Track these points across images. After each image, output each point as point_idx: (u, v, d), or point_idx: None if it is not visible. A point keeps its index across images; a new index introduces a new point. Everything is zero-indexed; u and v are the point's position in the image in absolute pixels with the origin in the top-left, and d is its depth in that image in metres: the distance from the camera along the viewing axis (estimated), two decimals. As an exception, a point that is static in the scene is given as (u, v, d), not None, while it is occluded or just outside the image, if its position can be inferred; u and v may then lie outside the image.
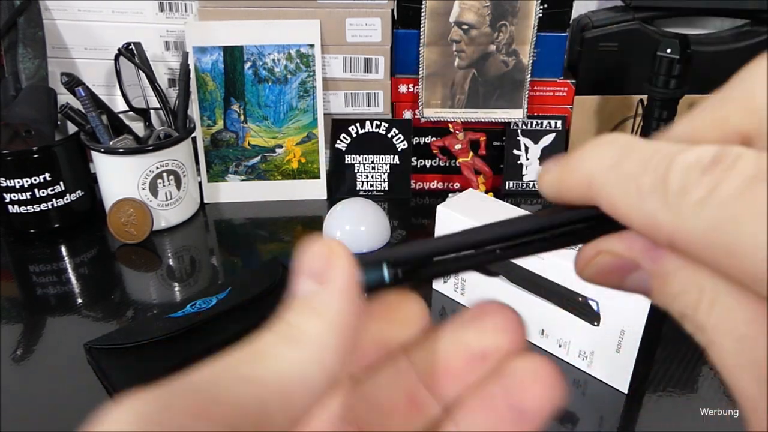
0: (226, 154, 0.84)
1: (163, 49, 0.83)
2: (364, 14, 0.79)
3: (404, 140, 0.84)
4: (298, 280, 0.17)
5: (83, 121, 0.74)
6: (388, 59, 0.82)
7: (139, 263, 0.73)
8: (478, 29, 0.79)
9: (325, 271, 0.17)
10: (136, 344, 0.54)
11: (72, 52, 0.83)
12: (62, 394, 0.53)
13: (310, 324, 0.16)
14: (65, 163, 0.75)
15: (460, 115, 0.83)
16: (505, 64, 0.81)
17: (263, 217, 0.82)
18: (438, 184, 0.88)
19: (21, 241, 0.75)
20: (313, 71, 0.81)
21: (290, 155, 0.84)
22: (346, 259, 0.18)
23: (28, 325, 0.62)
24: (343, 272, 0.17)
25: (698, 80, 0.77)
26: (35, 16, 0.78)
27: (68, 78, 0.70)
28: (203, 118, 0.82)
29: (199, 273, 0.71)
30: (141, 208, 0.74)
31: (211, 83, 0.81)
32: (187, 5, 0.80)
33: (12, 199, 0.73)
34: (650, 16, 0.83)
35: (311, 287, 0.17)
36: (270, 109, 0.83)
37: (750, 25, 0.84)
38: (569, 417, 0.51)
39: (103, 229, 0.77)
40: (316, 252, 0.18)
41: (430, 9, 0.78)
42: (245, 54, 0.80)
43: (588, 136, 0.86)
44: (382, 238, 0.67)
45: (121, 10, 0.81)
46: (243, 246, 0.77)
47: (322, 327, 0.16)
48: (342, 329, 0.16)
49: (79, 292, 0.67)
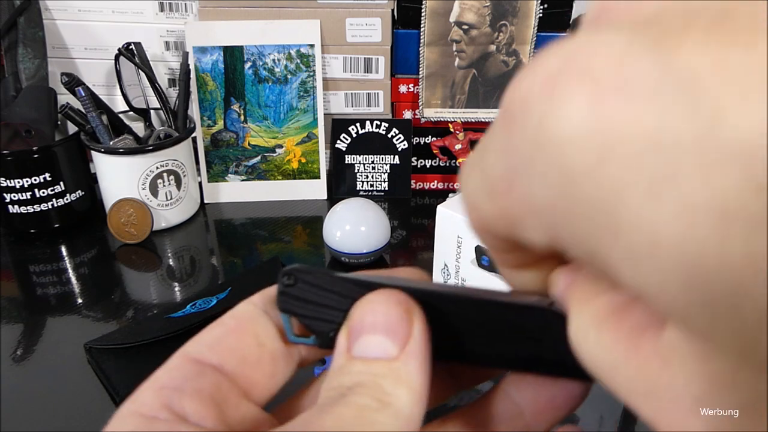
0: (226, 154, 0.84)
1: (163, 49, 0.83)
2: (364, 14, 0.79)
3: (404, 140, 0.84)
4: (369, 334, 0.16)
5: (83, 121, 0.74)
6: (388, 59, 0.82)
7: (139, 263, 0.73)
8: (478, 29, 0.79)
9: (404, 334, 0.16)
10: (136, 344, 0.54)
11: (72, 52, 0.83)
12: (62, 394, 0.53)
13: (401, 394, 0.15)
14: (65, 163, 0.75)
15: (460, 115, 0.83)
16: (505, 64, 0.81)
17: (263, 217, 0.82)
18: (438, 184, 0.88)
19: (21, 241, 0.75)
20: (313, 71, 0.81)
21: (290, 155, 0.84)
22: (423, 322, 0.17)
23: (28, 325, 0.62)
24: (423, 338, 0.16)
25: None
26: (35, 16, 0.78)
27: (68, 78, 0.70)
28: (203, 118, 0.82)
29: (199, 273, 0.71)
30: (141, 208, 0.74)
31: (211, 83, 0.81)
32: (187, 5, 0.80)
33: (12, 199, 0.73)
34: (650, 16, 0.83)
35: (390, 348, 0.16)
36: (270, 109, 0.83)
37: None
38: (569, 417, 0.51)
39: (103, 229, 0.77)
40: (395, 310, 0.16)
41: (430, 9, 0.78)
42: (245, 54, 0.80)
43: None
44: (382, 238, 0.67)
45: (121, 10, 0.81)
46: (243, 246, 0.77)
47: (413, 399, 0.16)
48: (424, 403, 0.16)
49: (79, 292, 0.67)
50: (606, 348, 0.13)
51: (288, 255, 0.74)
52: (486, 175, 0.14)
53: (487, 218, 0.15)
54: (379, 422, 0.15)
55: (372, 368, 0.16)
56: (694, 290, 0.09)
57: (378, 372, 0.16)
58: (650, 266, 0.10)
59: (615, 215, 0.10)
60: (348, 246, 0.66)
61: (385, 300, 0.17)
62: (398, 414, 0.15)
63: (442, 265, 0.59)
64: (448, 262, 0.59)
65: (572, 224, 0.11)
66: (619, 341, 0.13)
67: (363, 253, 0.66)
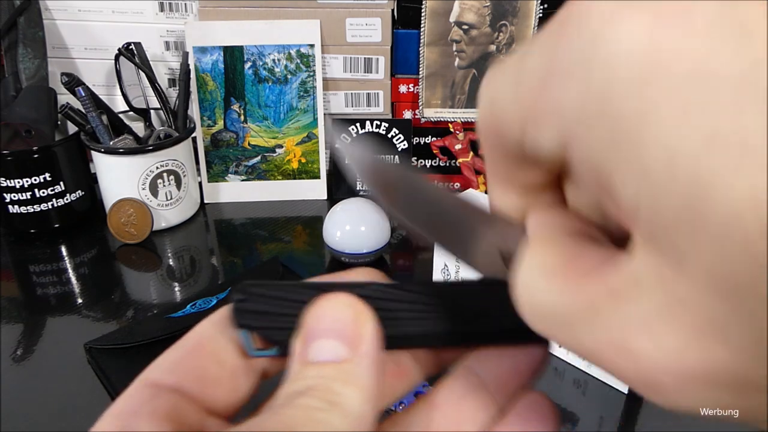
0: (226, 154, 0.84)
1: (163, 49, 0.83)
2: (364, 14, 0.79)
3: (404, 140, 0.84)
4: (321, 339, 0.17)
5: (83, 121, 0.74)
6: (388, 59, 0.82)
7: (139, 263, 0.73)
8: (478, 29, 0.79)
9: (355, 336, 0.17)
10: (136, 344, 0.54)
11: (72, 52, 0.83)
12: (62, 394, 0.53)
13: (351, 394, 0.16)
14: (65, 163, 0.75)
15: (460, 115, 0.83)
16: (505, 64, 0.81)
17: (263, 217, 0.82)
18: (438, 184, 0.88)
19: (21, 241, 0.75)
20: (313, 71, 0.81)
21: (290, 155, 0.84)
22: (374, 323, 0.17)
23: (28, 325, 0.62)
24: (373, 341, 0.17)
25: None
26: (35, 16, 0.78)
27: (68, 78, 0.70)
28: (203, 118, 0.82)
29: (199, 273, 0.71)
30: (141, 208, 0.74)
31: (211, 83, 0.81)
32: (187, 5, 0.80)
33: (12, 199, 0.73)
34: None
35: (341, 352, 0.16)
36: (270, 109, 0.83)
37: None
38: (569, 417, 0.51)
39: (103, 229, 0.77)
40: (344, 313, 0.17)
41: (430, 9, 0.78)
42: (245, 54, 0.80)
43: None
44: (382, 238, 0.67)
45: (121, 10, 0.81)
46: (243, 246, 0.77)
47: (363, 398, 0.16)
48: (376, 401, 0.16)
49: (79, 292, 0.67)
50: (554, 294, 0.13)
51: (288, 255, 0.74)
52: (520, 72, 0.14)
53: (503, 114, 0.15)
54: (327, 422, 0.15)
55: (323, 371, 0.16)
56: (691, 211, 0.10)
57: (329, 375, 0.16)
58: (657, 183, 0.11)
59: (641, 131, 0.11)
60: (348, 246, 0.66)
61: (335, 304, 0.17)
62: (347, 413, 0.15)
63: (442, 265, 0.59)
64: (447, 262, 0.59)
65: (593, 132, 0.12)
66: (567, 285, 0.13)
67: (363, 253, 0.66)
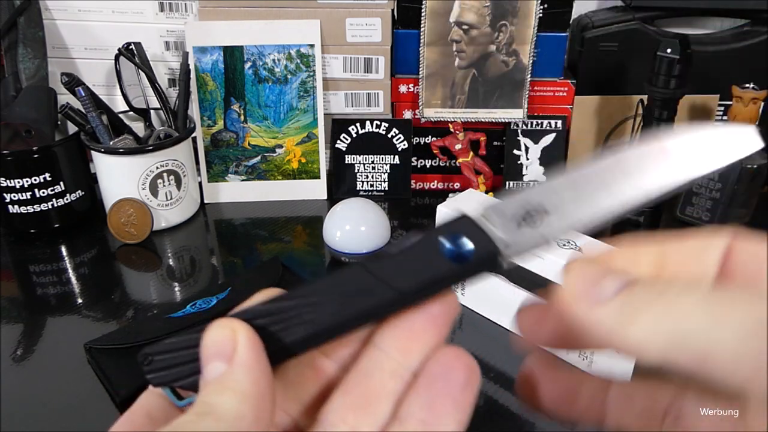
0: (226, 154, 0.84)
1: (163, 49, 0.83)
2: (364, 14, 0.79)
3: (404, 140, 0.84)
4: (207, 366, 0.18)
5: (83, 121, 0.74)
6: (388, 59, 0.82)
7: (139, 263, 0.73)
8: (478, 29, 0.79)
9: (231, 350, 0.18)
10: (136, 344, 0.54)
11: (72, 52, 0.83)
12: (62, 394, 0.53)
13: (224, 399, 0.17)
14: (65, 163, 0.75)
15: (460, 115, 0.83)
16: (505, 64, 0.81)
17: (263, 217, 0.82)
18: (438, 184, 0.88)
19: (21, 241, 0.75)
20: (313, 71, 0.81)
21: (290, 155, 0.84)
22: (248, 334, 0.19)
23: (28, 325, 0.62)
24: (247, 347, 0.18)
25: (698, 80, 0.77)
26: (35, 16, 0.78)
27: (68, 78, 0.70)
28: (203, 118, 0.82)
29: (199, 273, 0.71)
30: (141, 208, 0.74)
31: (211, 83, 0.81)
32: (187, 5, 0.80)
33: (12, 199, 0.73)
34: (650, 16, 0.83)
35: (220, 368, 0.18)
36: (270, 109, 0.83)
37: (750, 25, 0.84)
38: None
39: (103, 229, 0.77)
40: (219, 335, 0.19)
41: (430, 9, 0.78)
42: (245, 54, 0.80)
43: (588, 136, 0.86)
44: (382, 238, 0.67)
45: (121, 10, 0.81)
46: (243, 246, 0.77)
47: (236, 400, 0.17)
48: (256, 400, 0.18)
49: (79, 292, 0.67)
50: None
51: (288, 255, 0.74)
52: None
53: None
54: (197, 429, 0.17)
55: (206, 390, 0.18)
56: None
57: (208, 391, 0.18)
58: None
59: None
60: (348, 246, 0.66)
61: (212, 330, 0.19)
62: (220, 418, 0.17)
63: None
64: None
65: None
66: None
67: (363, 253, 0.66)
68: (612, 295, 0.18)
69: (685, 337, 0.16)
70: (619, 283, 0.18)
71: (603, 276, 0.18)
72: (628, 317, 0.17)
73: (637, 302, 0.17)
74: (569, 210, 0.20)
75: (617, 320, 0.17)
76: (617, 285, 0.18)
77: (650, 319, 0.16)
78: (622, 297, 0.17)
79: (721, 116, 0.85)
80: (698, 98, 0.83)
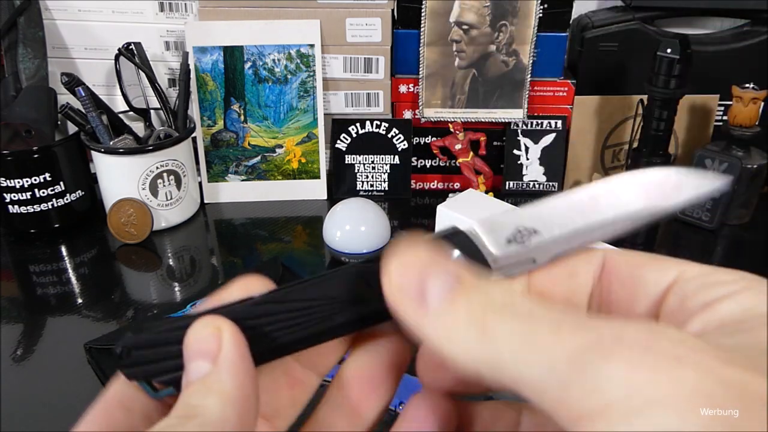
0: (226, 154, 0.84)
1: (163, 49, 0.83)
2: (364, 14, 0.79)
3: (404, 140, 0.84)
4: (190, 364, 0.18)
5: (83, 121, 0.74)
6: (388, 59, 0.82)
7: (139, 263, 0.73)
8: (478, 29, 0.79)
9: (215, 349, 0.18)
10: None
11: (72, 52, 0.83)
12: (62, 394, 0.53)
13: (208, 402, 0.17)
14: (65, 163, 0.75)
15: (460, 115, 0.83)
16: (505, 64, 0.81)
17: (263, 217, 0.82)
18: (438, 184, 0.88)
19: (21, 241, 0.75)
20: (313, 71, 0.81)
21: (290, 155, 0.84)
22: (233, 334, 0.18)
23: (28, 325, 0.62)
24: (233, 348, 0.18)
25: (698, 80, 0.77)
26: (35, 16, 0.78)
27: (68, 78, 0.70)
28: (203, 118, 0.82)
29: (199, 273, 0.71)
30: (141, 208, 0.74)
31: (211, 83, 0.81)
32: (187, 5, 0.80)
33: (12, 199, 0.73)
34: (650, 16, 0.83)
35: (204, 368, 0.18)
36: (270, 109, 0.83)
37: (750, 25, 0.84)
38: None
39: (103, 229, 0.77)
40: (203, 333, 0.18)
41: (430, 9, 0.78)
42: (245, 54, 0.80)
43: (588, 136, 0.86)
44: (382, 238, 0.67)
45: (121, 10, 0.81)
46: (243, 246, 0.77)
47: (221, 403, 0.17)
48: (240, 403, 0.17)
49: (79, 292, 0.67)
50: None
51: (288, 255, 0.74)
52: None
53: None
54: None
55: (189, 390, 0.18)
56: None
57: (192, 391, 0.17)
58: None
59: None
60: (348, 246, 0.66)
61: (195, 327, 0.18)
62: (205, 421, 0.17)
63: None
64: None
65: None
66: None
67: (363, 253, 0.66)
68: (437, 301, 0.16)
69: (500, 361, 0.15)
70: (445, 285, 0.16)
71: (429, 271, 0.17)
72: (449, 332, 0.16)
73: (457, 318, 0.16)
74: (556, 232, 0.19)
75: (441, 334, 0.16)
76: (442, 287, 0.16)
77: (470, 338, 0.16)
78: (446, 306, 0.16)
79: (721, 116, 0.85)
80: (698, 98, 0.83)
